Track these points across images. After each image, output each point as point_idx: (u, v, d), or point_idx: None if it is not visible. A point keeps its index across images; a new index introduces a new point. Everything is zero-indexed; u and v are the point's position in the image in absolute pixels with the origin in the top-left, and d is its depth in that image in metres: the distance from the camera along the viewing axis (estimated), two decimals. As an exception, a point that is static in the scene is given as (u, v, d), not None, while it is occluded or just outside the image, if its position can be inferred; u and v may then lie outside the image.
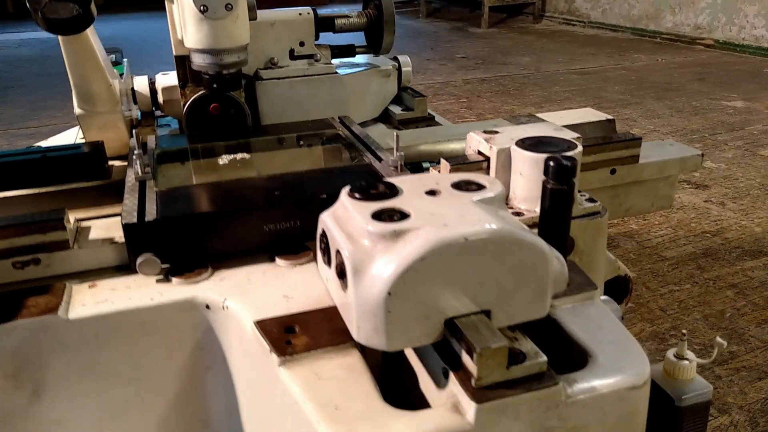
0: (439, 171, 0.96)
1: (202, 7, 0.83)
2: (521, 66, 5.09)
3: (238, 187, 0.88)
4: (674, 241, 2.10)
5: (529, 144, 0.88)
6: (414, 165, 1.08)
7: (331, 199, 0.82)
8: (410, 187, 0.66)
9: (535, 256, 0.59)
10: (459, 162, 0.92)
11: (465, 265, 0.56)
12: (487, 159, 0.92)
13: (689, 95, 4.04)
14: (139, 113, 1.30)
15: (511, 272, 0.58)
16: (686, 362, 0.75)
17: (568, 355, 0.64)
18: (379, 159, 0.94)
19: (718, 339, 0.77)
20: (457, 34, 6.86)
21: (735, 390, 1.40)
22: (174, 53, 1.12)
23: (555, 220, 0.70)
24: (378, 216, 0.59)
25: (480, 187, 0.66)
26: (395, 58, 1.42)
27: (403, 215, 0.59)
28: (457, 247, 0.55)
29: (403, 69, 1.42)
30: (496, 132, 0.95)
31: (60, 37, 0.94)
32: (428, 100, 1.45)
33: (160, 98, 1.25)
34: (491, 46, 6.08)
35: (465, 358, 0.55)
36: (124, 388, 0.76)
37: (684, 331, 0.87)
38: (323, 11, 1.30)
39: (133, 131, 0.94)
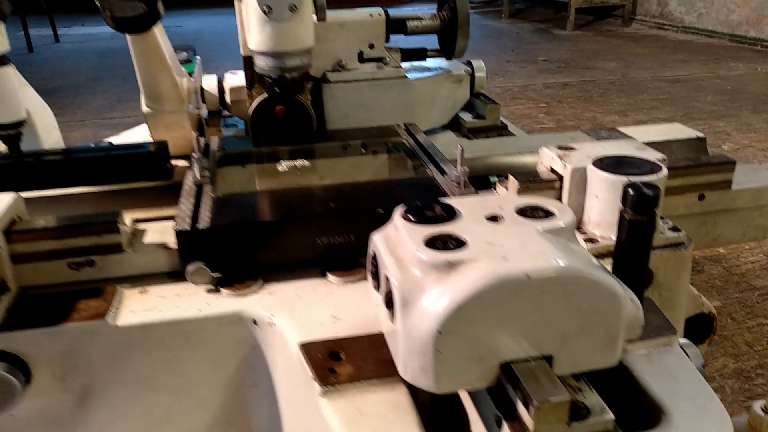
0: (506, 188, 0.90)
1: (265, 8, 0.81)
2: (607, 71, 4.89)
3: (294, 196, 0.85)
4: (766, 269, 1.93)
5: (607, 164, 0.81)
6: (480, 179, 1.02)
7: (389, 214, 0.78)
8: (470, 211, 0.61)
9: (607, 298, 0.52)
10: (528, 179, 0.86)
11: (525, 304, 0.50)
12: (560, 178, 0.85)
13: (791, 108, 3.75)
14: (207, 112, 1.30)
15: (578, 314, 0.52)
16: (777, 421, 0.66)
17: (639, 410, 0.57)
18: (443, 172, 0.88)
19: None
20: (540, 36, 6.68)
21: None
22: (242, 53, 1.11)
23: (632, 255, 0.63)
24: (431, 242, 0.54)
25: (548, 214, 0.60)
26: (468, 62, 1.36)
27: (459, 243, 0.54)
28: (518, 284, 0.49)
29: (477, 74, 1.36)
30: (572, 148, 0.88)
31: (127, 36, 0.95)
32: (506, 104, 1.39)
33: (228, 98, 1.24)
34: (576, 49, 5.87)
35: (521, 408, 0.50)
36: (169, 398, 0.74)
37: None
38: (396, 12, 1.25)
39: (194, 134, 0.93)
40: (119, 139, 1.34)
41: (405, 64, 1.28)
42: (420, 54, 1.29)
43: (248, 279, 0.76)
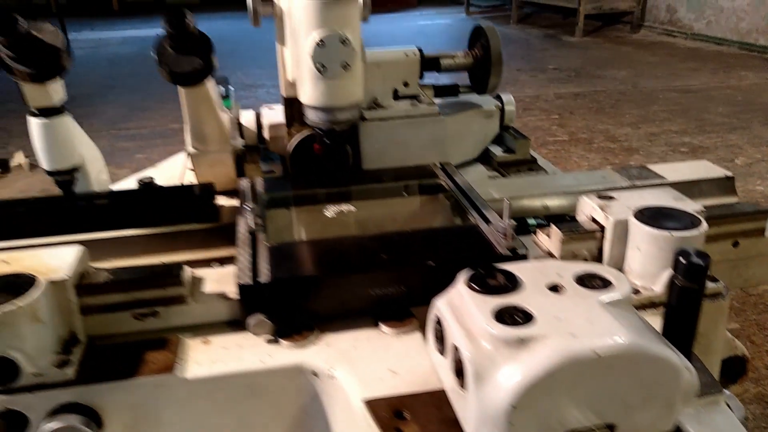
0: (548, 235, 0.93)
1: (319, 67, 0.84)
2: (617, 80, 4.91)
3: (345, 245, 0.88)
4: (784, 290, 1.96)
5: (648, 216, 0.84)
6: (519, 220, 1.05)
7: (439, 266, 0.81)
8: (531, 279, 0.64)
9: (668, 370, 0.55)
10: (571, 230, 0.89)
11: (593, 379, 0.54)
12: (602, 228, 0.88)
13: (802, 120, 3.77)
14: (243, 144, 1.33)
15: (641, 386, 0.55)
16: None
17: (695, 473, 0.60)
18: (486, 221, 0.92)
19: None
20: (549, 43, 6.70)
21: None
22: (283, 94, 1.14)
23: (682, 319, 0.66)
24: (500, 316, 0.58)
25: (606, 283, 0.63)
26: (498, 96, 1.39)
27: (526, 316, 0.57)
28: (587, 363, 0.53)
29: (506, 108, 1.39)
30: (611, 198, 0.91)
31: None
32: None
33: (266, 134, 1.27)
34: (585, 56, 5.90)
35: (587, 477, 0.53)
36: (231, 445, 0.78)
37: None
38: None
39: (246, 184, 0.96)
40: (158, 171, 1.37)
41: (437, 100, 1.31)
42: (452, 90, 1.32)
43: (305, 329, 0.79)
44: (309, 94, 0.88)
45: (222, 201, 1.15)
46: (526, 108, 4.17)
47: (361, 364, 0.74)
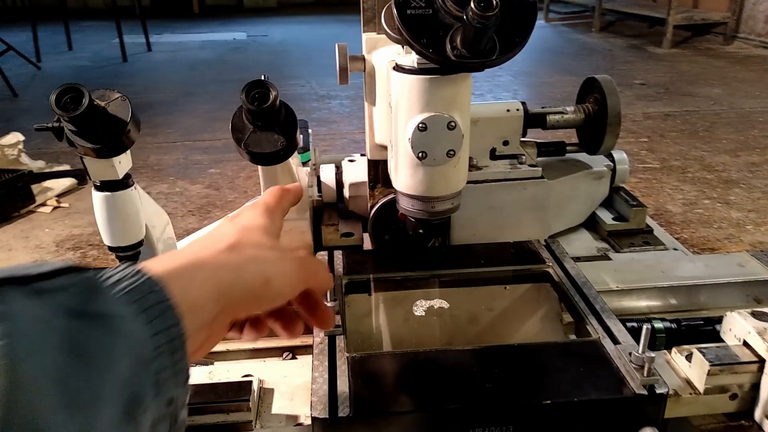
0: (687, 358, 0.76)
1: (420, 155, 0.70)
2: (711, 99, 4.57)
3: (438, 364, 0.74)
4: None
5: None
6: (639, 320, 0.89)
7: (555, 405, 0.66)
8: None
9: None
10: (720, 360, 0.72)
11: None
12: (761, 360, 0.71)
13: None
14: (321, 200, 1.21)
15: None
16: None
17: None
18: (612, 337, 0.76)
19: None
20: (634, 54, 6.35)
21: None
22: (368, 157, 1.02)
23: None
24: None
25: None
26: (609, 154, 1.22)
27: None
28: None
29: (618, 168, 1.22)
30: (769, 316, 0.74)
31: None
32: None
33: (346, 193, 1.15)
34: (674, 71, 5.54)
35: None
36: None
37: None
38: (534, 105, 1.13)
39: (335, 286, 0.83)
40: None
41: (540, 159, 1.15)
42: (559, 149, 1.16)
43: (390, 471, 0.66)
44: (404, 180, 0.74)
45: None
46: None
47: None
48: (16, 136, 2.86)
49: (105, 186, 0.82)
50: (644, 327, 0.67)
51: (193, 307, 0.42)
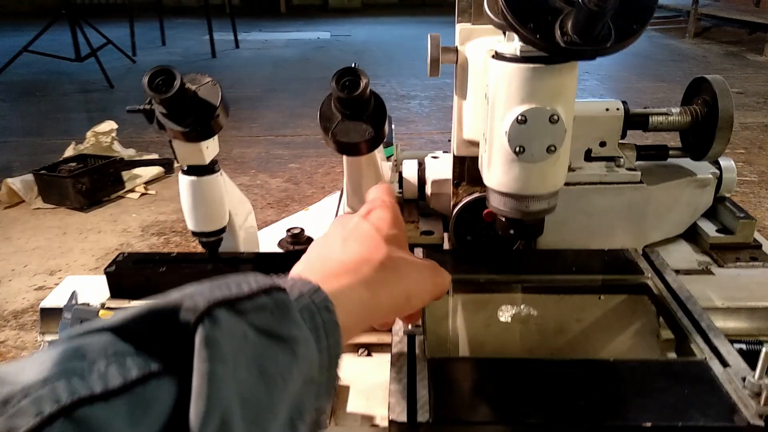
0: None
1: (518, 149, 0.66)
2: (816, 111, 4.25)
3: (524, 373, 0.69)
4: None
5: None
6: (749, 344, 0.81)
7: (657, 429, 0.60)
8: None
9: None
10: None
11: None
12: None
13: None
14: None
15: None
16: None
17: None
18: (720, 358, 0.69)
19: None
20: (731, 61, 6.01)
21: None
22: (455, 153, 0.98)
23: None
24: None
25: None
26: (715, 161, 1.13)
27: None
28: None
29: (725, 176, 1.12)
30: None
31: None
32: None
33: (428, 190, 1.11)
34: (776, 80, 5.20)
35: None
36: None
37: None
38: (636, 105, 1.06)
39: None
40: (309, 216, 1.27)
41: (639, 163, 1.08)
42: (660, 153, 1.08)
43: (469, 484, 0.62)
44: (498, 177, 0.70)
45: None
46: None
47: None
48: (110, 125, 2.98)
49: (192, 171, 0.82)
50: (763, 350, 0.60)
51: (348, 325, 0.45)
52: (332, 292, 0.44)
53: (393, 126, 1.36)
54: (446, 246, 1.08)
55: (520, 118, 0.65)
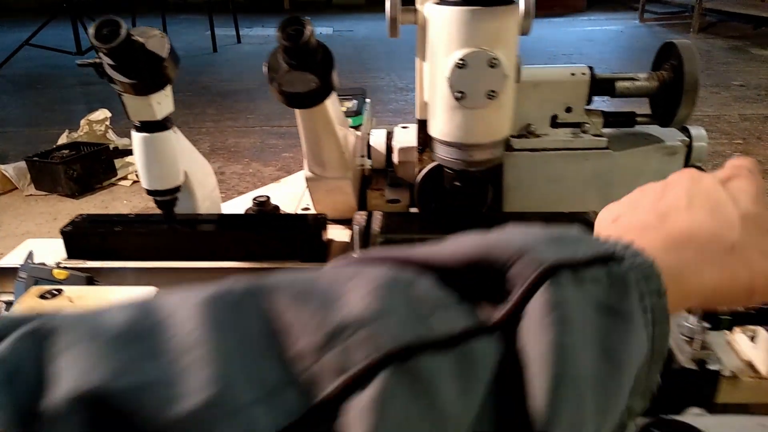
0: (751, 339, 0.67)
1: (457, 94, 0.65)
2: (818, 103, 4.21)
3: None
4: None
5: None
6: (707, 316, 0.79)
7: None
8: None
9: None
10: (792, 341, 0.63)
11: None
12: (842, 345, 0.61)
13: None
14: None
15: None
16: None
17: None
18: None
19: None
20: (735, 56, 5.97)
21: None
22: (417, 116, 0.97)
23: None
24: None
25: None
26: (685, 129, 1.12)
27: None
28: None
29: (695, 144, 1.11)
30: None
31: (295, 107, 0.84)
32: None
33: (395, 158, 1.11)
34: (779, 73, 5.15)
35: None
36: None
37: None
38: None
39: (357, 214, 0.80)
40: (280, 188, 1.26)
41: (606, 130, 1.07)
42: (627, 120, 1.07)
43: None
44: (440, 126, 0.69)
45: (336, 233, 1.01)
46: (704, 128, 3.67)
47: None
48: (103, 113, 2.99)
49: (144, 127, 0.82)
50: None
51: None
52: (666, 270, 0.35)
53: (368, 99, 1.35)
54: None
55: (459, 62, 0.64)
